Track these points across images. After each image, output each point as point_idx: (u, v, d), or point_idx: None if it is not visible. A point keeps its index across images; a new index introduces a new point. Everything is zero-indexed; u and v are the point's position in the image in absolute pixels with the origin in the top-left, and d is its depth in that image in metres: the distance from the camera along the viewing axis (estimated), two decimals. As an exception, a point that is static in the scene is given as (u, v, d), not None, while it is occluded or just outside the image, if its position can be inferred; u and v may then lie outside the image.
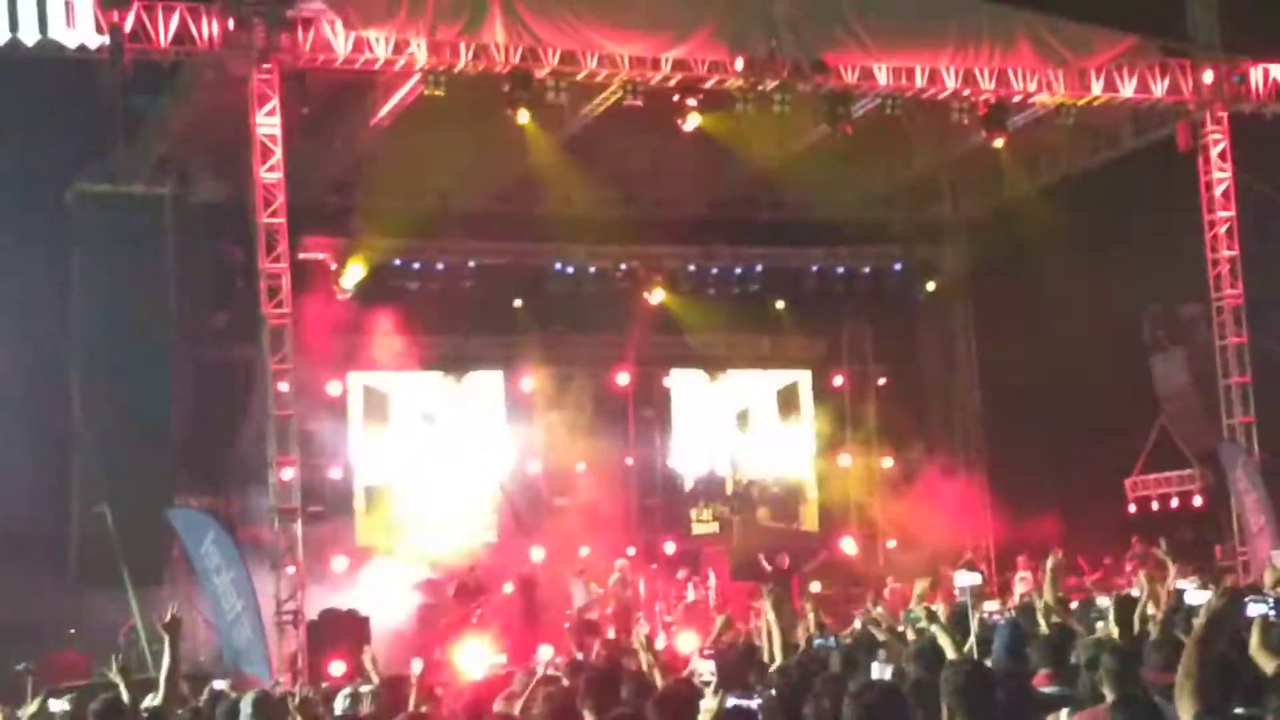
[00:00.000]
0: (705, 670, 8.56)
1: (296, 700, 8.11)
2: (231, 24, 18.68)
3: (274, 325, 19.25)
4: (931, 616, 8.40)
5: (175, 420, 21.49)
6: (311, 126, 20.92)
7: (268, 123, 19.15)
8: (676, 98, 20.77)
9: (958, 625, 8.88)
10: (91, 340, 21.08)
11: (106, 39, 17.77)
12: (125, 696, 8.66)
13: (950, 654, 7.69)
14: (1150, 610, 9.97)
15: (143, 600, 18.89)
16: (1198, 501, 24.86)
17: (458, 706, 8.73)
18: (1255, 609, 6.28)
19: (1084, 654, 7.83)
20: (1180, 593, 11.86)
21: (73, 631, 20.37)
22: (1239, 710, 6.09)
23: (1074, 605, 13.66)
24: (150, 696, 9.06)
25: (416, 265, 25.43)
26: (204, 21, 18.53)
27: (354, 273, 24.67)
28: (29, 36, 17.53)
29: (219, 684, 11.58)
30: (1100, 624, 10.60)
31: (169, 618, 8.70)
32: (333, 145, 22.71)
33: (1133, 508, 25.62)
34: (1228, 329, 23.58)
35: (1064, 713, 6.98)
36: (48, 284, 20.89)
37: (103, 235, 21.17)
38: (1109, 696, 6.75)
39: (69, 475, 20.94)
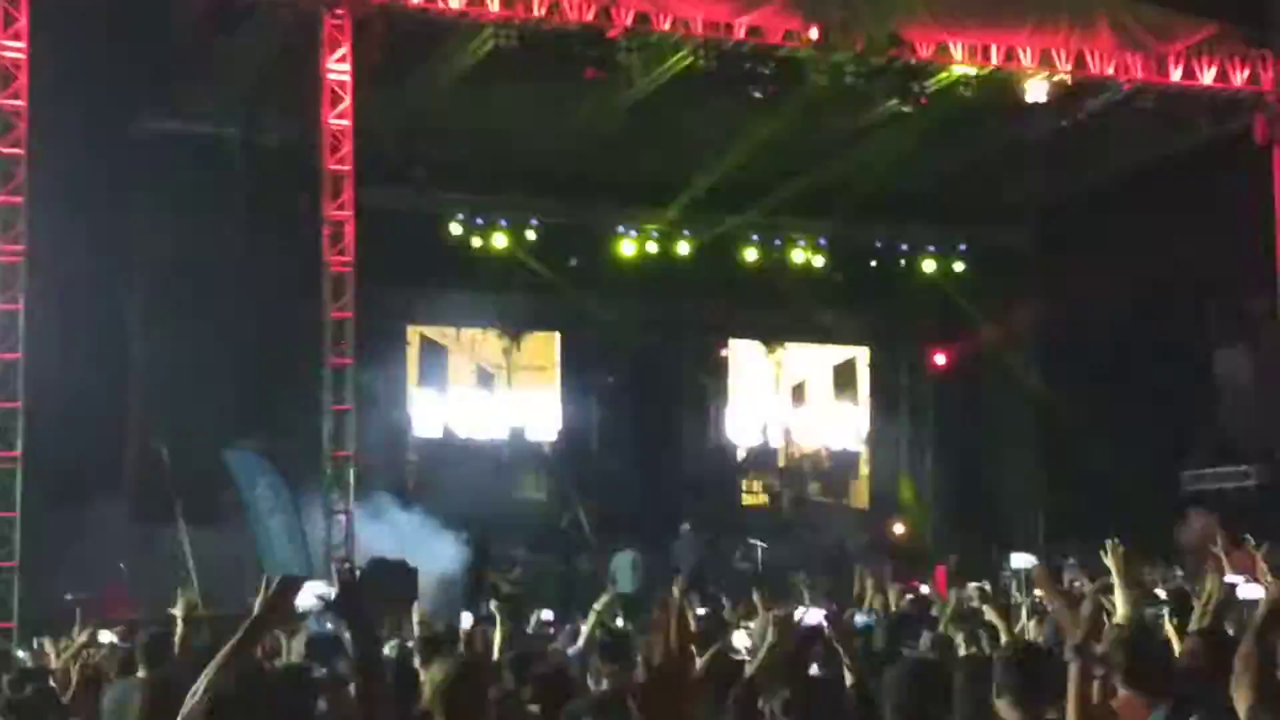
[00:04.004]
0: (741, 645, 8.53)
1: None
2: (307, -34, 18.74)
3: (335, 272, 19.33)
4: (985, 597, 8.36)
5: (235, 363, 21.61)
6: (382, 76, 20.92)
7: (338, 69, 19.18)
8: (749, 65, 20.64)
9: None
10: (152, 279, 21.21)
11: (182, -26, 17.84)
12: (180, 632, 8.71)
13: (1003, 636, 7.66)
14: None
15: (195, 540, 19.02)
16: (1254, 499, 24.60)
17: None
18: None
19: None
20: (1232, 587, 11.70)
21: (122, 565, 20.56)
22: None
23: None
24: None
25: (480, 220, 25.44)
26: (280, -38, 18.59)
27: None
28: (104, -31, 17.63)
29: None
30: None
31: (181, 616, 8.70)
32: (403, 96, 22.71)
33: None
34: (1294, 326, 23.30)
35: None
36: (110, 221, 20.99)
37: (167, 174, 21.27)
38: None
39: (126, 412, 21.11)
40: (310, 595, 4.89)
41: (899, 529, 27.91)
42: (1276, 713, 5.06)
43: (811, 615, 6.86)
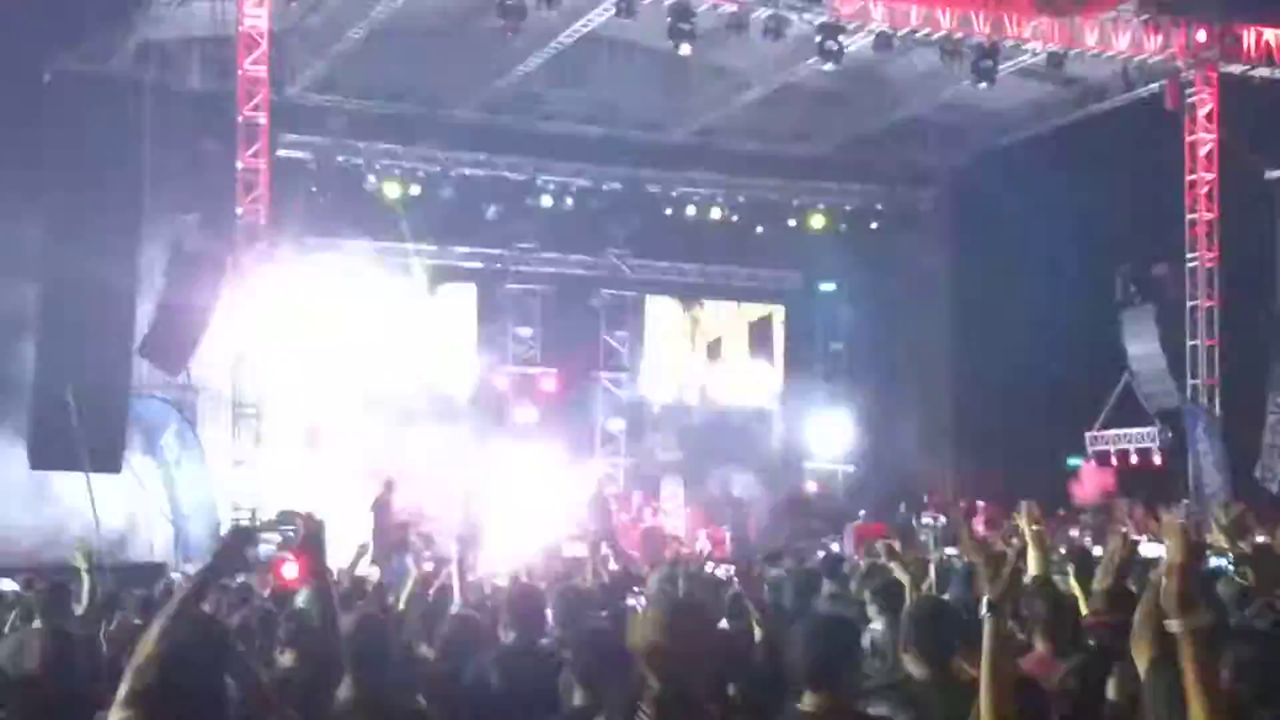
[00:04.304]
0: (638, 603, 8.60)
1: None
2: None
3: (248, 220, 19.12)
4: (891, 553, 8.42)
5: (142, 311, 21.28)
6: (299, 24, 20.66)
7: (255, 14, 18.92)
8: (669, 20, 20.53)
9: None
10: (61, 222, 20.80)
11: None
12: (87, 582, 8.63)
13: (908, 592, 7.72)
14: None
15: (100, 487, 18.77)
16: (1157, 459, 25.00)
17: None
18: (1214, 563, 6.30)
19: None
20: (1134, 544, 11.88)
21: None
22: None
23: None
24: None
25: (396, 171, 25.22)
26: (194, -95, 18.28)
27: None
28: (16, -91, 17.23)
29: (176, 576, 11.57)
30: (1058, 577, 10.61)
31: (83, 566, 8.64)
32: (320, 44, 22.43)
33: (1091, 460, 25.78)
34: (1200, 290, 23.69)
35: None
36: (18, 161, 20.54)
37: (79, 117, 20.84)
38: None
39: (29, 357, 20.71)
40: (269, 545, 4.89)
41: (811, 486, 28.09)
42: (1174, 668, 5.14)
43: (721, 569, 6.88)
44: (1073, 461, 25.53)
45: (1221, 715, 4.15)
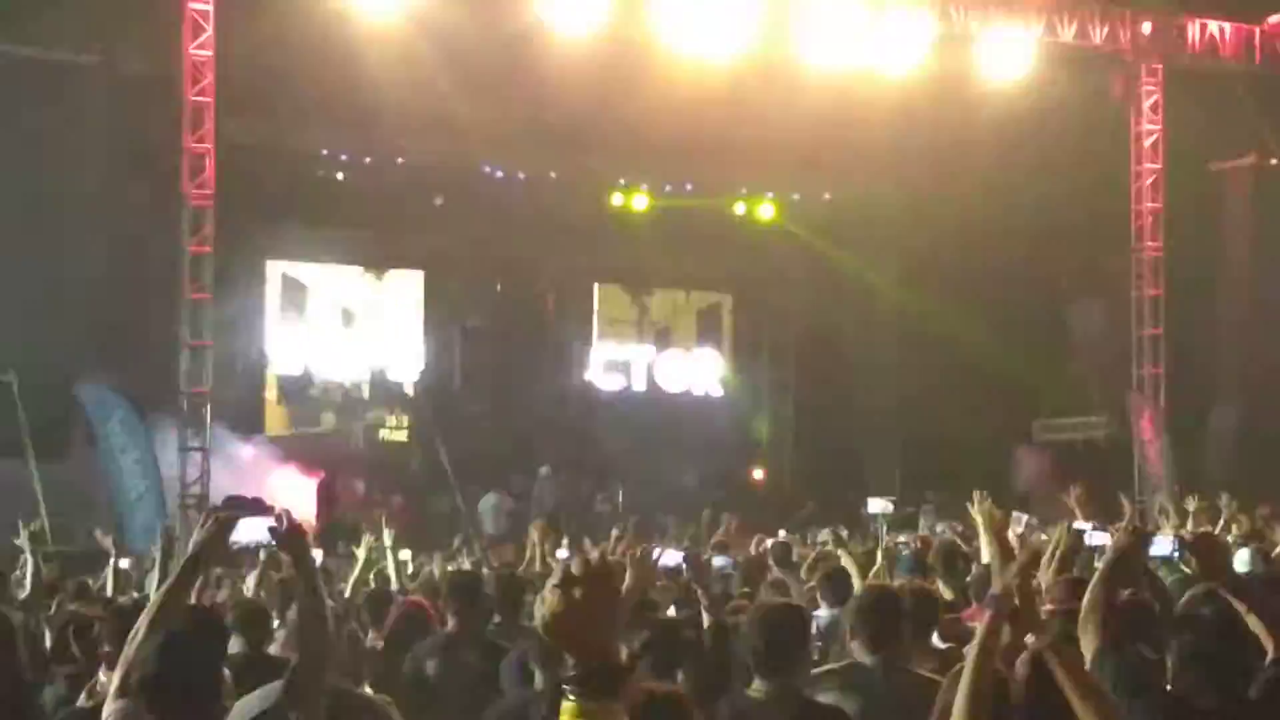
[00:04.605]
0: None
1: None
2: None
3: (195, 205, 18.97)
4: (839, 541, 8.46)
5: (88, 295, 21.09)
6: (246, 7, 20.45)
7: (201, -3, 18.80)
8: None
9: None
10: (4, 206, 20.60)
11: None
12: (31, 564, 8.58)
13: (855, 580, 7.77)
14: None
15: (45, 474, 18.60)
16: (1102, 448, 25.21)
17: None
18: (1159, 548, 6.35)
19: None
20: (1080, 533, 11.95)
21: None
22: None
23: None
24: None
25: (344, 156, 25.05)
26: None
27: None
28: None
29: (123, 563, 11.45)
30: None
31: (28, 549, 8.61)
32: (268, 27, 22.21)
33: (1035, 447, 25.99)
34: (1146, 281, 23.86)
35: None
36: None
37: (24, 100, 20.63)
38: None
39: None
40: (257, 530, 4.86)
41: (758, 474, 28.14)
42: (1120, 655, 5.18)
43: (669, 556, 6.88)
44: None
45: (1108, 710, 4.21)
